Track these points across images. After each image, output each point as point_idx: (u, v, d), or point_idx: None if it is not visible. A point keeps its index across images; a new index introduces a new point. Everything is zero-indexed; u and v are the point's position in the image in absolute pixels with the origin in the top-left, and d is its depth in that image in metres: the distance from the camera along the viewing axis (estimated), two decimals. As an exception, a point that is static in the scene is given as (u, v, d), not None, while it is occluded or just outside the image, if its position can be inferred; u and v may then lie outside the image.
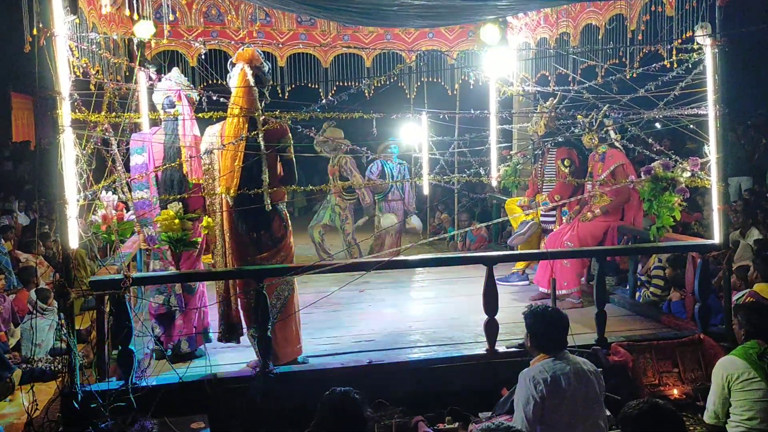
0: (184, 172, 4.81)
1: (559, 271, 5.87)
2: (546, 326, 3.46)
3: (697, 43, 5.01)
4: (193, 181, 4.80)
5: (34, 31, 3.98)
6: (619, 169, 5.92)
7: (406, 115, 6.34)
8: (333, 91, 7.59)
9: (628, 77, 5.65)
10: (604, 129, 6.01)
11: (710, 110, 4.96)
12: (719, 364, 3.69)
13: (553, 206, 6.38)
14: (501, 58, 7.09)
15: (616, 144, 6.03)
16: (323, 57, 7.56)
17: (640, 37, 5.40)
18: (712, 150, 5.01)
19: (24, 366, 5.71)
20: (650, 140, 5.64)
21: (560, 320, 3.51)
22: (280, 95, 7.14)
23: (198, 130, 4.97)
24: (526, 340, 3.57)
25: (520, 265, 6.87)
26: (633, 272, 6.22)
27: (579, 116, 6.06)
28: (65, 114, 4.00)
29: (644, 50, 5.51)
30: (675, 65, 5.26)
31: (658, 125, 6.55)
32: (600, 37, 6.00)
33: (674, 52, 5.23)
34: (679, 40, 5.15)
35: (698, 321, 5.07)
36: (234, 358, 4.83)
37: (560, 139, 6.12)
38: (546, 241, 6.32)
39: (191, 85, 5.30)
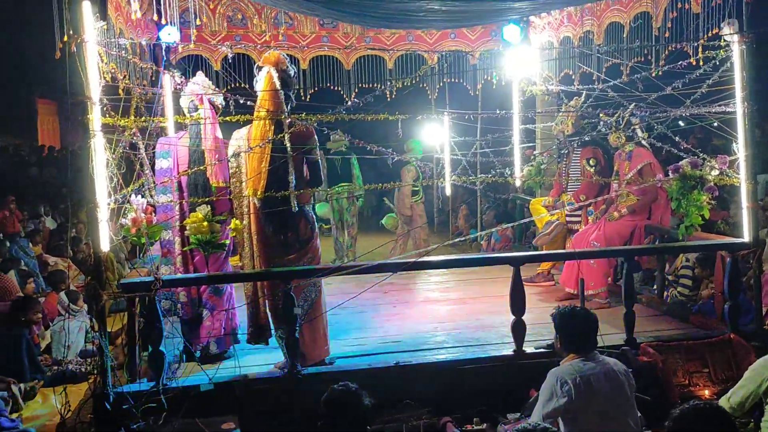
0: (208, 175, 4.85)
1: (586, 271, 5.84)
2: (575, 327, 3.45)
3: (724, 40, 4.95)
4: (215, 185, 4.84)
5: (65, 38, 4.04)
6: (647, 168, 5.87)
7: (429, 116, 6.33)
8: (355, 93, 7.62)
9: (653, 75, 5.60)
10: (631, 128, 5.96)
11: (738, 107, 4.90)
12: (763, 361, 3.63)
13: (578, 206, 6.33)
14: (524, 58, 7.07)
15: (643, 142, 5.97)
16: (345, 59, 7.60)
17: (667, 35, 5.35)
18: (740, 147, 4.95)
19: (55, 368, 5.80)
20: (677, 138, 5.58)
21: (590, 321, 3.51)
22: (303, 98, 7.18)
23: (221, 133, 5.02)
24: (555, 342, 3.56)
25: (545, 266, 6.84)
26: (661, 271, 6.16)
27: (603, 115, 6.02)
28: (96, 119, 4.06)
29: (670, 48, 5.45)
30: (702, 63, 5.20)
31: (681, 123, 6.49)
32: (625, 35, 5.96)
33: (701, 50, 5.18)
34: (706, 37, 5.10)
35: (728, 321, 5.00)
36: (262, 359, 4.86)
37: (587, 139, 6.07)
38: (572, 241, 6.27)
39: (216, 89, 5.35)
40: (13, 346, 5.27)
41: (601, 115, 6.01)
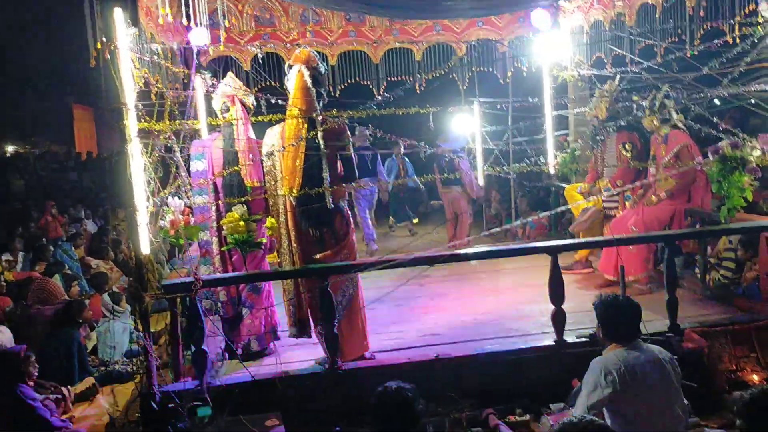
0: (242, 175, 4.90)
1: (626, 257, 5.74)
2: (618, 316, 3.41)
3: (762, 17, 4.81)
4: (250, 185, 4.88)
5: (98, 45, 4.11)
6: (684, 150, 5.75)
7: (460, 107, 6.29)
8: (384, 87, 7.60)
9: (688, 55, 5.47)
10: (666, 110, 5.84)
11: (779, 85, 4.77)
12: None
13: (615, 192, 6.23)
14: (554, 43, 6.96)
15: (679, 125, 5.85)
16: (373, 53, 7.57)
17: (702, 14, 5.22)
18: (783, 126, 4.82)
19: (102, 368, 5.93)
20: (715, 119, 5.45)
21: (632, 309, 3.45)
22: (333, 94, 7.19)
23: (253, 133, 5.05)
24: (597, 331, 3.51)
25: (582, 253, 6.75)
26: (703, 255, 6.03)
27: (635, 98, 5.90)
28: (132, 124, 4.12)
29: (705, 27, 5.32)
30: (738, 41, 5.06)
31: (717, 101, 6.32)
32: (657, 16, 5.82)
33: (737, 27, 5.04)
34: (742, 14, 4.96)
35: (775, 303, 4.89)
36: (302, 356, 4.90)
37: (623, 123, 5.96)
38: (610, 228, 6.18)
39: (247, 89, 5.38)
40: (65, 348, 5.40)
41: (634, 98, 5.89)
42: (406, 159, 10.54)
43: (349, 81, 7.51)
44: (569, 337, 4.72)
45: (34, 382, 4.78)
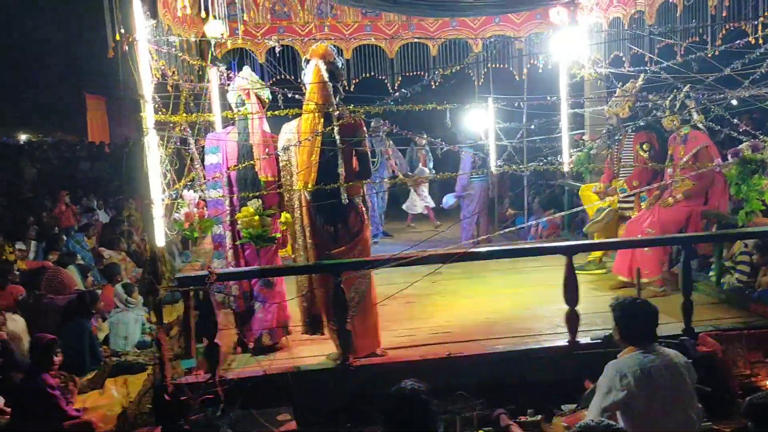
0: (256, 170, 4.89)
1: (641, 258, 5.71)
2: (635, 319, 3.39)
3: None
4: (264, 179, 4.87)
5: (117, 37, 4.09)
6: (703, 152, 5.69)
7: (476, 103, 6.25)
8: (399, 82, 7.57)
9: (709, 56, 5.41)
10: (686, 110, 5.78)
11: (802, 87, 4.71)
12: None
13: (631, 192, 6.18)
14: (571, 40, 6.89)
15: (699, 125, 5.79)
16: (389, 47, 7.55)
17: (725, 14, 5.15)
18: (805, 129, 4.76)
19: (113, 359, 5.95)
20: (735, 121, 5.38)
21: (650, 312, 3.44)
22: (347, 87, 7.17)
23: (268, 127, 5.03)
24: (614, 333, 3.49)
25: (596, 254, 6.71)
26: (718, 258, 5.97)
27: (651, 97, 5.84)
28: (149, 116, 4.11)
29: (727, 27, 5.25)
30: (761, 41, 4.99)
31: (734, 102, 6.25)
32: (678, 15, 5.76)
33: (760, 28, 4.97)
34: (766, 14, 4.89)
35: (791, 308, 4.84)
36: (314, 351, 4.90)
37: (642, 123, 5.90)
38: (625, 229, 6.13)
39: (263, 83, 5.36)
40: (77, 338, 5.42)
41: (650, 97, 5.83)
42: (428, 149, 10.54)
43: (364, 75, 7.49)
44: (582, 338, 4.69)
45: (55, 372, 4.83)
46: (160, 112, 4.49)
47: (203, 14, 5.32)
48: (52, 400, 4.62)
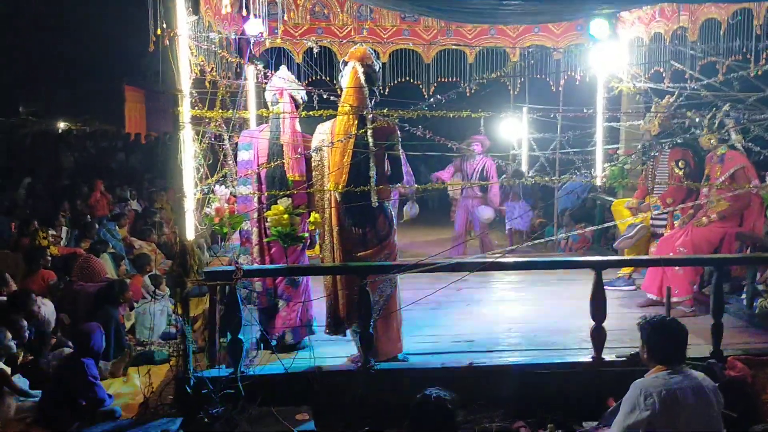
0: (285, 168, 4.91)
1: (672, 277, 5.62)
2: (665, 338, 3.34)
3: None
4: (292, 178, 4.89)
5: (158, 32, 4.16)
6: (740, 172, 5.58)
7: (510, 112, 6.22)
8: (434, 87, 7.56)
9: (752, 75, 5.31)
10: (725, 129, 5.67)
11: None
12: None
13: (664, 210, 6.09)
14: (611, 54, 6.82)
15: (737, 145, 5.68)
16: (426, 53, 7.54)
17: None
18: None
19: (138, 348, 6.04)
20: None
21: (680, 333, 3.39)
22: (383, 91, 7.18)
23: (299, 127, 5.06)
24: (642, 352, 3.44)
25: (626, 270, 6.62)
26: (752, 281, 5.85)
27: (689, 113, 5.75)
28: (186, 111, 4.17)
29: (771, 47, 5.16)
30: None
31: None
32: (722, 33, 5.66)
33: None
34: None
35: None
36: (336, 351, 4.91)
37: (679, 140, 5.80)
38: (657, 246, 6.04)
39: (299, 83, 5.39)
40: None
41: (688, 113, 5.74)
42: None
43: (399, 79, 7.50)
44: (608, 355, 4.63)
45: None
46: (196, 107, 4.56)
47: (244, 12, 5.37)
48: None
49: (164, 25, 4.14)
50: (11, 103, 19.87)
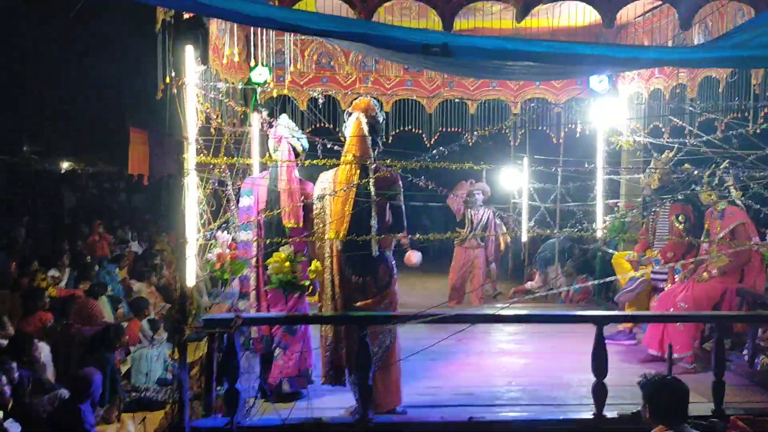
0: (281, 215, 4.93)
1: (672, 333, 5.58)
2: (666, 397, 3.30)
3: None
4: (287, 225, 4.91)
5: (167, 80, 4.23)
6: (740, 228, 5.60)
7: (511, 163, 6.28)
8: (436, 137, 7.67)
9: (751, 133, 5.38)
10: (725, 186, 5.72)
11: None
12: None
13: (665, 264, 6.08)
14: (611, 108, 6.93)
15: (737, 201, 5.71)
16: (428, 103, 7.68)
17: (769, 93, 5.14)
18: None
19: (133, 394, 5.95)
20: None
21: (680, 391, 3.36)
22: (385, 140, 7.25)
23: (297, 175, 5.10)
24: (643, 411, 3.40)
25: (627, 324, 6.57)
26: (753, 338, 5.80)
27: (686, 165, 5.80)
28: (191, 158, 4.21)
29: (770, 106, 5.24)
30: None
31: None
32: (720, 90, 5.77)
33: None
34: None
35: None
36: (334, 402, 4.83)
37: (680, 197, 5.84)
38: (657, 301, 6.02)
39: (299, 130, 5.42)
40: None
41: (686, 165, 5.79)
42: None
43: (401, 128, 7.61)
44: (609, 412, 4.56)
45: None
46: (201, 154, 4.60)
47: (252, 62, 5.47)
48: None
49: (173, 74, 4.21)
50: (15, 142, 20.03)
